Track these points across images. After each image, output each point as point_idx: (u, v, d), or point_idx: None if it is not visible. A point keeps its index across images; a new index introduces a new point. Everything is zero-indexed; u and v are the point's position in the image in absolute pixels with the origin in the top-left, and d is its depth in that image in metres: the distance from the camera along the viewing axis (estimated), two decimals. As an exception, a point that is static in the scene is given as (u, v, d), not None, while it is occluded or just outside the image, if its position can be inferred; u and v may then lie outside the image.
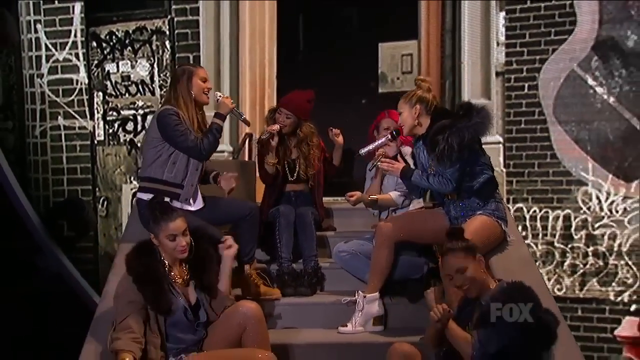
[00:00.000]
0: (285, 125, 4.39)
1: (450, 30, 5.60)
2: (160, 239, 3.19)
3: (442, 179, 3.57)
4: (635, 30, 5.32)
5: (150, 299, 3.09)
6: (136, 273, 3.12)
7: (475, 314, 2.86)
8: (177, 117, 3.81)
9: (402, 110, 3.75)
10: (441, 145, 3.46)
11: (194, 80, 3.88)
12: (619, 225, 5.32)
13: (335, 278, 4.17)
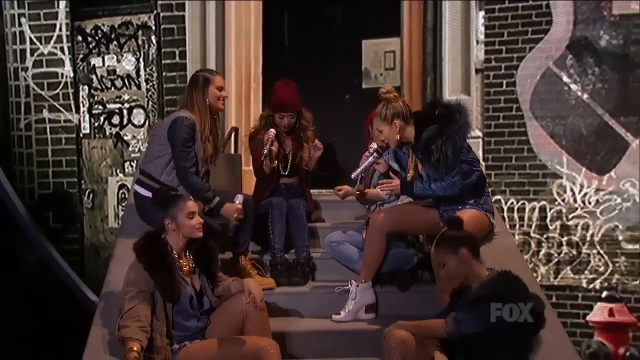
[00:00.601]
0: (289, 125, 4.50)
1: (432, 28, 5.73)
2: (179, 221, 3.30)
3: (445, 185, 3.64)
4: (607, 31, 5.50)
5: (163, 287, 3.20)
6: (149, 262, 3.21)
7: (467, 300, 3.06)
8: (192, 130, 3.90)
9: (382, 129, 3.77)
10: (436, 155, 3.55)
11: (210, 88, 3.99)
12: (592, 216, 5.51)
13: (326, 268, 4.31)
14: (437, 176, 3.65)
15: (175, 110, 4.12)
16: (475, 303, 2.99)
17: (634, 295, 5.41)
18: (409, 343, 3.09)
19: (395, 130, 3.74)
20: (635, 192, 5.44)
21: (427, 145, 3.60)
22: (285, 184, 4.62)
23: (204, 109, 3.97)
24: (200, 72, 4.15)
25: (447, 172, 3.62)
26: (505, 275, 3.08)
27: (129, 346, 3.07)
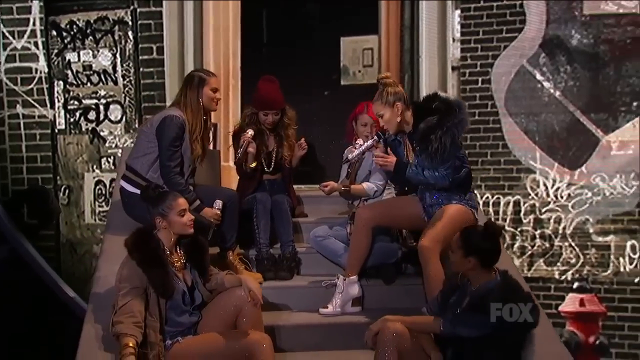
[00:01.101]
0: (273, 122, 4.54)
1: (409, 26, 5.81)
2: (170, 218, 3.33)
3: (438, 175, 3.72)
4: (578, 30, 5.63)
5: (157, 283, 3.21)
6: (142, 258, 3.23)
7: (467, 299, 3.14)
8: (180, 130, 3.91)
9: (383, 112, 3.81)
10: (434, 144, 3.62)
11: (205, 89, 4.01)
12: (564, 209, 5.65)
13: (310, 262, 4.39)
14: (430, 166, 3.72)
15: (165, 108, 4.13)
16: (476, 309, 3.06)
17: (604, 286, 5.58)
18: (403, 336, 3.16)
19: (397, 113, 3.80)
20: (605, 186, 5.60)
21: (426, 134, 3.67)
22: (269, 180, 4.67)
23: (197, 109, 3.98)
24: (196, 72, 4.16)
25: (441, 164, 3.69)
26: (507, 282, 3.14)
27: (124, 342, 3.08)
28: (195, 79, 4.02)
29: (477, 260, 3.15)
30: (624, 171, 5.56)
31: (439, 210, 3.84)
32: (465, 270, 3.20)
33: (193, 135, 4.00)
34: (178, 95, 4.09)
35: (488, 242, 3.17)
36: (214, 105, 4.07)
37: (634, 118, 5.56)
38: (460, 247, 3.18)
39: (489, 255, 3.17)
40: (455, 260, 3.21)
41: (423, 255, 3.67)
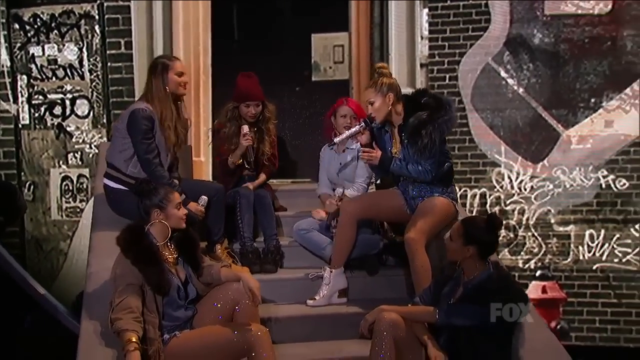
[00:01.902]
0: (255, 115, 4.60)
1: (379, 24, 5.92)
2: (168, 211, 3.34)
3: (421, 169, 3.84)
4: (540, 29, 5.85)
5: (153, 281, 3.21)
6: (136, 257, 3.21)
7: (459, 290, 3.29)
8: (149, 121, 3.88)
9: (374, 99, 3.88)
10: (425, 139, 3.74)
11: (170, 74, 3.96)
12: (527, 201, 5.88)
13: (292, 255, 4.47)
14: (416, 160, 3.83)
15: (134, 102, 4.10)
16: (471, 300, 3.18)
17: (564, 274, 5.84)
18: (399, 325, 3.27)
19: (388, 103, 3.89)
20: (565, 178, 5.87)
21: (417, 129, 3.77)
22: (249, 175, 4.74)
23: (164, 96, 3.93)
24: (158, 59, 4.09)
25: (427, 159, 3.81)
26: (500, 273, 3.28)
27: (127, 337, 3.08)
28: (158, 67, 3.96)
29: (476, 250, 3.25)
30: (583, 164, 5.84)
31: (422, 203, 3.97)
32: (462, 259, 3.30)
33: (165, 124, 3.95)
34: (145, 87, 4.04)
35: (489, 234, 3.28)
36: (181, 89, 4.02)
37: (591, 114, 5.83)
38: (461, 236, 3.26)
39: (488, 246, 3.29)
40: (454, 248, 3.29)
41: (410, 247, 3.80)
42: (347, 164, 4.51)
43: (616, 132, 5.79)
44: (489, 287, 3.19)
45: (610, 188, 5.80)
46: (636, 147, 5.78)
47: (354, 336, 3.91)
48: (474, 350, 3.17)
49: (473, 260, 3.29)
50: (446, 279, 3.44)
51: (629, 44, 5.75)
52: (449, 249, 3.36)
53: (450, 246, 3.34)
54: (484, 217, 3.38)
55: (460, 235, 3.28)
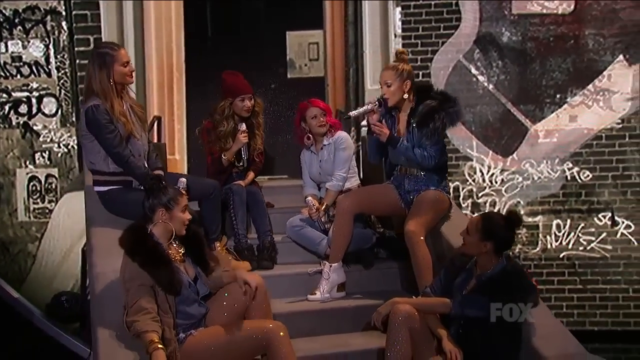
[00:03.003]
0: (250, 108, 4.61)
1: (353, 22, 5.98)
2: (174, 213, 3.30)
3: (426, 154, 3.95)
4: (508, 28, 6.06)
5: (164, 282, 3.17)
6: (144, 260, 3.16)
7: (472, 282, 3.40)
8: (106, 114, 3.78)
9: (391, 82, 3.99)
10: (436, 123, 3.89)
11: (116, 67, 3.83)
12: (498, 194, 6.07)
13: (285, 251, 4.53)
14: (422, 144, 3.94)
15: (83, 103, 3.95)
16: (485, 292, 3.29)
17: (534, 262, 6.08)
18: (414, 317, 3.36)
19: (404, 89, 4.01)
20: (533, 171, 6.11)
21: (429, 113, 3.91)
22: (237, 172, 4.76)
23: (109, 89, 3.81)
24: (101, 50, 3.91)
25: (434, 144, 3.95)
26: (513, 266, 3.39)
27: (149, 338, 3.05)
28: (104, 58, 3.81)
29: (493, 246, 3.32)
30: (550, 157, 6.09)
31: (420, 196, 4.09)
32: (477, 253, 3.38)
33: (115, 113, 3.84)
34: (87, 81, 3.89)
35: (508, 231, 3.36)
36: (128, 79, 3.91)
37: (557, 109, 6.09)
38: (478, 231, 3.33)
39: (505, 243, 3.36)
40: (471, 242, 3.36)
41: (411, 240, 3.90)
42: (326, 160, 4.59)
43: (580, 127, 6.07)
44: (502, 281, 3.29)
45: (575, 180, 6.08)
46: (598, 140, 6.07)
47: (356, 329, 4.04)
48: (486, 340, 3.30)
49: (488, 255, 3.36)
50: (457, 269, 3.53)
51: (590, 43, 6.03)
52: (465, 242, 3.43)
53: (467, 240, 3.41)
54: (502, 214, 3.51)
55: (478, 230, 3.34)
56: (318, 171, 4.64)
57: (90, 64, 3.91)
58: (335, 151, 4.54)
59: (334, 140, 4.59)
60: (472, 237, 3.37)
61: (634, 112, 6.05)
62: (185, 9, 6.05)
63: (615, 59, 6.03)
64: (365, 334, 3.96)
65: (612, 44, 6.03)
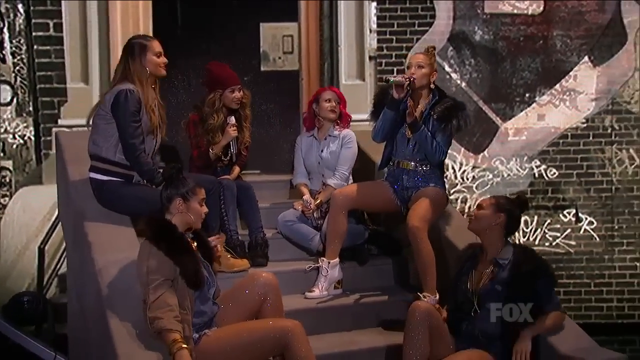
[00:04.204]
0: (241, 98, 4.47)
1: (328, 15, 5.91)
2: (191, 203, 3.17)
3: (439, 148, 3.98)
4: (480, 26, 6.14)
5: (190, 273, 3.04)
6: (169, 248, 3.02)
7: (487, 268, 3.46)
8: (138, 103, 3.68)
9: (424, 65, 3.99)
10: (460, 121, 3.95)
11: (149, 56, 3.76)
12: (469, 190, 6.15)
13: (275, 247, 4.38)
14: (435, 137, 3.96)
15: (115, 85, 3.79)
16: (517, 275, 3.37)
17: (502, 257, 6.21)
18: (434, 314, 3.34)
19: (431, 77, 4.04)
20: (503, 168, 6.22)
21: (452, 109, 3.96)
22: (222, 166, 4.60)
23: (144, 78, 3.74)
24: (134, 40, 3.85)
25: (446, 141, 3.99)
26: (524, 247, 3.55)
27: (172, 337, 2.91)
28: (135, 48, 3.76)
29: (505, 219, 3.44)
30: (519, 155, 6.22)
31: (418, 192, 4.06)
32: (489, 227, 3.45)
33: (147, 106, 3.75)
34: (121, 69, 3.78)
35: (518, 209, 3.52)
36: (161, 70, 3.84)
37: (526, 107, 6.22)
38: (492, 205, 3.48)
39: (515, 220, 3.51)
40: (484, 215, 3.46)
41: (415, 236, 3.85)
42: (331, 151, 4.52)
43: (547, 125, 6.22)
44: (525, 261, 3.39)
45: (542, 177, 6.22)
46: (564, 139, 6.25)
47: (357, 327, 3.98)
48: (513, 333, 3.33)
49: (498, 232, 3.45)
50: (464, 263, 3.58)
51: (558, 43, 6.19)
52: (477, 217, 3.50)
53: (479, 214, 3.50)
54: None
55: (491, 205, 3.49)
56: (317, 160, 4.54)
57: (122, 57, 3.81)
58: (342, 147, 4.49)
59: (342, 136, 4.52)
60: (486, 210, 3.48)
61: (598, 112, 6.26)
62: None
63: (581, 60, 6.21)
64: (369, 332, 3.92)
65: (578, 45, 6.21)
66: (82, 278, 3.73)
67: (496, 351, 3.37)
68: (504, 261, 3.42)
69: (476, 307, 3.43)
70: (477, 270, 3.51)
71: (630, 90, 6.27)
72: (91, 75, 5.92)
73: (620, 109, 6.26)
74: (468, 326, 3.45)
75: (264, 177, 5.53)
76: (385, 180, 4.26)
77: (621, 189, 6.27)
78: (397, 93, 3.92)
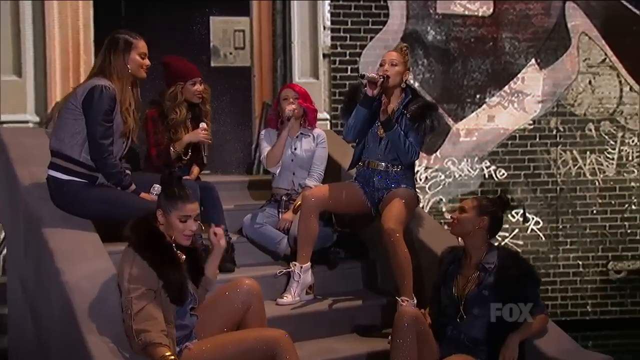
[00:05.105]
0: (202, 91, 4.25)
1: (281, 11, 5.75)
2: (170, 218, 2.95)
3: (412, 147, 3.90)
4: (433, 27, 6.14)
5: (174, 286, 2.84)
6: (155, 258, 2.82)
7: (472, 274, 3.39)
8: (113, 101, 3.44)
9: (397, 63, 3.92)
10: (434, 122, 3.89)
11: (132, 54, 3.54)
12: (422, 191, 6.11)
13: (240, 251, 4.18)
14: (407, 136, 3.89)
15: (90, 79, 3.53)
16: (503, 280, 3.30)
17: (453, 257, 6.23)
18: (421, 320, 3.26)
19: (404, 76, 3.96)
20: (455, 169, 6.23)
21: (425, 108, 3.91)
22: (180, 166, 4.36)
23: (125, 76, 3.51)
24: (119, 35, 3.58)
25: (419, 141, 3.93)
26: (508, 250, 3.49)
27: (160, 353, 2.72)
28: (120, 43, 3.52)
29: (488, 222, 3.35)
30: (470, 155, 6.25)
31: (390, 194, 3.97)
32: (472, 231, 3.36)
33: (123, 107, 3.52)
34: (100, 62, 3.54)
35: (500, 209, 3.43)
36: (142, 72, 3.61)
37: (477, 109, 6.26)
38: (474, 207, 3.37)
39: (497, 222, 3.42)
40: (467, 219, 3.35)
41: (391, 238, 3.75)
42: (304, 150, 4.40)
43: (497, 126, 6.28)
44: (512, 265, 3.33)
45: (492, 178, 6.28)
46: (512, 140, 6.33)
47: (332, 334, 3.85)
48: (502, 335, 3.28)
49: (481, 236, 3.37)
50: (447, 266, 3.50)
51: (506, 45, 6.26)
52: (459, 220, 3.40)
53: (462, 217, 3.39)
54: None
55: (473, 207, 3.39)
56: (290, 157, 4.39)
57: (105, 50, 3.54)
58: (317, 146, 4.39)
59: (316, 135, 4.42)
60: (468, 213, 3.38)
61: (544, 114, 6.37)
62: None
63: (528, 63, 6.30)
64: (346, 338, 3.80)
65: (525, 48, 6.30)
66: (39, 290, 3.41)
67: (482, 357, 3.32)
68: (489, 265, 3.36)
69: (462, 313, 3.36)
70: (462, 275, 3.43)
71: (573, 93, 6.41)
72: (24, 67, 5.50)
73: (564, 111, 6.40)
74: (453, 331, 3.38)
75: (217, 177, 5.29)
76: (355, 181, 4.16)
77: (565, 190, 6.41)
78: (371, 90, 3.84)
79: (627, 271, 6.50)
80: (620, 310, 6.49)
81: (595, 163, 6.43)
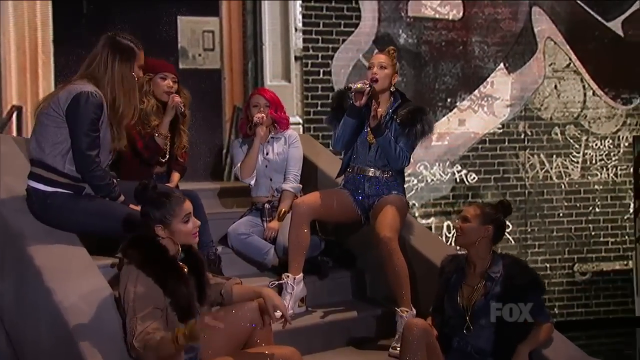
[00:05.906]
0: (172, 88, 4.03)
1: (252, 11, 5.57)
2: (172, 227, 2.77)
3: (402, 153, 3.80)
4: (404, 29, 6.06)
5: (182, 305, 2.68)
6: (161, 275, 2.65)
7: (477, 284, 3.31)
8: (100, 110, 3.19)
9: (386, 66, 3.83)
10: (425, 126, 3.80)
11: (135, 67, 3.30)
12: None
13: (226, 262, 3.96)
14: (397, 141, 3.79)
15: (73, 83, 3.24)
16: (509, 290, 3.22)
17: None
18: (429, 332, 3.16)
19: (392, 79, 3.89)
20: (427, 174, 6.18)
21: (415, 113, 3.82)
22: (158, 173, 4.15)
23: (131, 86, 3.27)
24: (124, 40, 3.30)
25: (410, 146, 3.84)
26: (513, 257, 3.40)
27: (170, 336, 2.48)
28: (126, 52, 3.26)
29: (493, 230, 3.27)
30: (441, 160, 6.21)
31: (381, 200, 3.86)
32: (477, 241, 3.26)
33: (124, 121, 3.31)
34: (95, 66, 3.24)
35: (503, 216, 3.34)
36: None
37: (448, 113, 6.23)
38: (478, 216, 3.27)
39: (502, 228, 3.34)
40: (471, 229, 3.26)
41: (387, 246, 3.64)
42: (276, 153, 4.23)
43: (467, 130, 6.26)
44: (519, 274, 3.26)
45: (463, 182, 6.26)
46: (483, 144, 6.32)
47: (327, 347, 3.71)
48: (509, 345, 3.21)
49: (486, 244, 3.28)
50: (449, 275, 3.39)
51: (476, 49, 6.25)
52: (464, 230, 3.29)
53: (466, 227, 3.28)
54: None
55: (477, 216, 3.28)
56: (264, 163, 4.22)
57: (107, 54, 3.24)
58: (289, 147, 4.22)
59: (287, 136, 4.24)
60: (472, 222, 3.28)
61: (512, 118, 6.39)
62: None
63: (497, 67, 6.31)
64: (342, 352, 3.67)
65: (494, 52, 6.31)
66: (21, 313, 3.12)
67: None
68: (496, 274, 3.28)
69: (469, 324, 3.26)
70: (467, 285, 3.34)
71: (540, 97, 6.46)
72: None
73: (532, 115, 6.44)
74: (460, 342, 3.29)
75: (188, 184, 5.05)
76: (343, 188, 4.03)
77: (533, 193, 6.45)
78: (358, 100, 3.74)
79: (591, 273, 6.59)
80: (585, 312, 6.57)
81: (561, 166, 6.50)
